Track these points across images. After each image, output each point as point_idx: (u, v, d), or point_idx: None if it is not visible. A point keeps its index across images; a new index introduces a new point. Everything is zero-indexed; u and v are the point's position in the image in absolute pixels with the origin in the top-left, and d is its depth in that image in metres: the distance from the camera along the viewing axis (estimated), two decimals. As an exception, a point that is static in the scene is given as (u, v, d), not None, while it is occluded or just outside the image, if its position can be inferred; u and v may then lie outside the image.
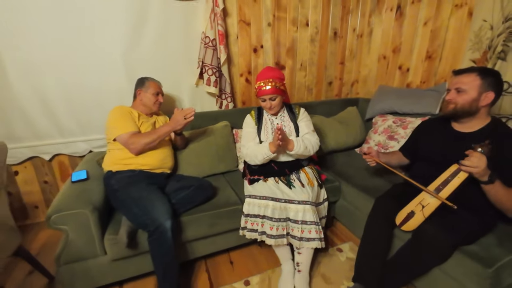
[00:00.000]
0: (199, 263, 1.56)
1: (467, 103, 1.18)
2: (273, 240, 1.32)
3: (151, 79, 1.65)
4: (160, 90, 1.65)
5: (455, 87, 1.21)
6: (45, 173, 1.95)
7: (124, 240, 1.15)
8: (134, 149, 1.41)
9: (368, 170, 1.83)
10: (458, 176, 1.13)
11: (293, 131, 1.54)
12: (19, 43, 1.62)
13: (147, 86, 1.59)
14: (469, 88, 1.16)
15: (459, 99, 1.19)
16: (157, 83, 1.66)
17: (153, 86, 1.60)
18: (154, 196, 1.26)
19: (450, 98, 1.23)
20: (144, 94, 1.59)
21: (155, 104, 1.61)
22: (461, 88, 1.18)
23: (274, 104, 1.47)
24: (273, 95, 1.44)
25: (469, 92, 1.17)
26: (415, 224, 1.20)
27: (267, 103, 1.48)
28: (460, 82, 1.19)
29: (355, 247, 1.67)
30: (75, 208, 1.16)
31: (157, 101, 1.62)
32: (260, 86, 1.45)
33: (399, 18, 2.25)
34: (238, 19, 2.14)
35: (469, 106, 1.18)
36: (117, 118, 1.47)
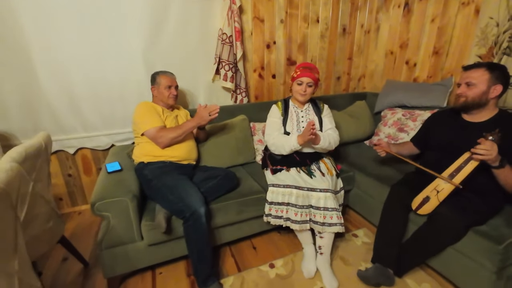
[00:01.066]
0: (224, 249, 1.65)
1: (477, 96, 1.28)
2: (297, 225, 1.42)
3: (162, 72, 1.64)
4: (173, 83, 1.64)
5: (465, 82, 1.30)
6: (69, 167, 2.01)
7: (163, 225, 1.24)
8: (161, 143, 1.49)
9: (379, 161, 1.93)
10: (470, 163, 1.24)
11: (317, 124, 1.62)
12: (48, 44, 1.68)
13: (158, 82, 1.62)
14: (479, 82, 1.26)
15: (470, 92, 1.29)
16: (169, 75, 1.64)
17: (164, 80, 1.61)
18: (187, 185, 1.35)
19: (461, 92, 1.32)
20: (157, 90, 1.63)
21: (169, 98, 1.63)
22: (471, 82, 1.27)
23: (308, 91, 1.55)
24: (311, 81, 1.53)
25: (479, 86, 1.26)
26: (431, 208, 1.30)
27: (303, 86, 1.54)
28: (470, 76, 1.28)
29: (369, 233, 1.77)
30: (116, 196, 1.24)
31: (171, 94, 1.62)
32: (303, 70, 1.54)
33: (406, 15, 2.33)
34: (253, 16, 2.20)
35: (479, 98, 1.28)
36: (144, 113, 1.54)
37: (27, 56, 1.66)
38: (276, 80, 2.49)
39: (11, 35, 1.60)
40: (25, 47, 1.64)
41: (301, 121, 1.64)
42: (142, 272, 1.49)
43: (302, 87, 1.55)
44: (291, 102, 1.69)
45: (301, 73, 1.54)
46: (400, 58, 2.45)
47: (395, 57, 2.49)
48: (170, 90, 1.63)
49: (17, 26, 1.59)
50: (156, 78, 1.63)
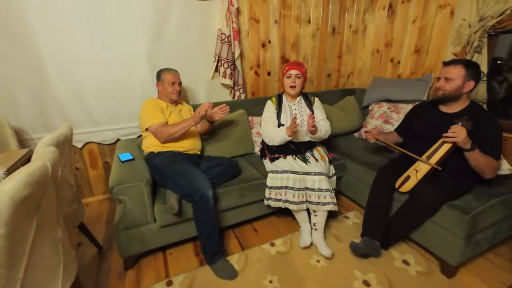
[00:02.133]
0: (228, 232, 1.80)
1: (453, 89, 1.46)
2: (295, 206, 1.58)
3: (167, 69, 1.77)
4: (176, 79, 1.76)
5: (444, 76, 1.48)
6: (76, 160, 2.11)
7: (176, 207, 1.37)
8: (161, 138, 1.62)
9: (368, 150, 2.11)
10: (444, 145, 1.42)
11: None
12: (57, 42, 1.78)
13: (162, 78, 1.74)
14: (456, 77, 1.44)
15: (447, 86, 1.48)
16: (173, 72, 1.76)
17: (168, 77, 1.73)
18: (196, 171, 1.49)
19: (440, 85, 1.51)
20: (162, 86, 1.75)
21: (173, 94, 1.74)
22: (449, 77, 1.46)
23: (297, 83, 1.71)
24: (299, 73, 1.71)
25: (456, 81, 1.45)
26: (410, 185, 1.48)
27: (292, 79, 1.71)
28: (449, 72, 1.46)
29: (359, 214, 1.96)
30: (132, 182, 1.37)
31: (174, 90, 1.74)
32: (290, 65, 1.72)
33: (390, 16, 2.53)
34: (249, 17, 2.35)
35: (455, 92, 1.46)
36: (148, 110, 1.66)
37: (37, 54, 1.75)
38: (271, 77, 2.64)
39: (21, 33, 1.69)
40: (35, 45, 1.73)
41: (295, 114, 1.80)
42: (154, 253, 1.61)
43: (291, 79, 1.71)
44: (284, 96, 1.85)
45: (289, 67, 1.72)
46: (385, 56, 2.64)
47: (381, 55, 2.69)
48: (174, 86, 1.75)
49: (27, 25, 1.68)
50: (161, 74, 1.76)
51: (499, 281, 1.39)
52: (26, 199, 0.69)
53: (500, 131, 1.41)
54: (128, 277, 1.45)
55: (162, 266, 1.53)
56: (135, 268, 1.52)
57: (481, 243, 1.41)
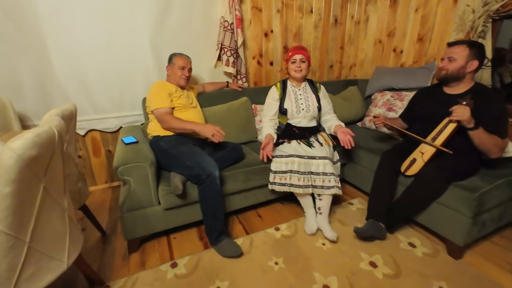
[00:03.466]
0: (232, 218, 1.79)
1: (456, 69, 1.46)
2: (301, 189, 1.57)
3: (179, 54, 1.76)
4: (187, 64, 1.74)
5: (447, 56, 1.48)
6: (79, 148, 2.10)
7: (180, 187, 1.37)
8: (162, 125, 1.61)
9: (371, 137, 2.11)
10: (449, 125, 1.42)
11: (314, 102, 1.79)
12: (62, 28, 1.78)
13: (173, 62, 1.73)
14: (459, 57, 1.44)
15: (450, 66, 1.47)
16: (185, 57, 1.75)
17: (179, 61, 1.71)
18: (201, 152, 1.48)
19: (443, 65, 1.50)
20: (172, 69, 1.74)
21: (181, 79, 1.72)
22: (452, 57, 1.45)
23: (303, 66, 1.71)
24: (303, 57, 1.70)
25: (458, 60, 1.44)
26: (417, 168, 1.48)
27: (297, 63, 1.70)
28: (452, 52, 1.46)
29: (363, 201, 1.95)
30: (137, 162, 1.36)
31: (183, 75, 1.72)
32: (293, 49, 1.70)
33: (393, 5, 2.53)
34: (251, 6, 2.35)
35: (457, 72, 1.46)
36: (155, 92, 1.65)
37: (42, 40, 1.75)
38: (273, 67, 2.64)
39: (27, 19, 1.69)
40: (40, 31, 1.73)
41: (299, 99, 1.80)
42: (158, 238, 1.61)
43: (296, 64, 1.71)
44: (289, 82, 1.84)
45: (293, 52, 1.71)
46: (388, 46, 2.64)
47: (383, 45, 2.69)
48: (183, 71, 1.73)
49: (32, 10, 1.69)
50: (172, 58, 1.75)
51: (506, 261, 1.38)
52: (34, 159, 0.68)
53: (506, 110, 1.40)
54: (132, 259, 1.45)
55: (167, 249, 1.52)
56: (139, 251, 1.51)
57: (487, 224, 1.40)
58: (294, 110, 1.75)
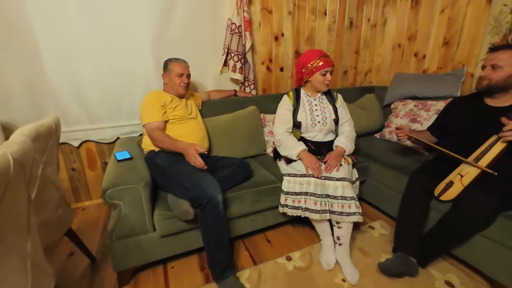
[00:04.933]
0: (238, 243, 1.59)
1: (502, 79, 1.24)
2: (318, 215, 1.36)
3: (175, 59, 1.59)
4: (185, 71, 1.58)
5: (490, 64, 1.26)
6: (73, 160, 1.94)
7: (191, 212, 1.20)
8: (152, 141, 1.45)
9: (392, 151, 1.89)
10: (496, 145, 1.20)
11: (332, 113, 1.59)
12: (55, 31, 1.63)
13: (170, 69, 1.56)
14: (505, 64, 1.22)
15: (494, 75, 1.25)
16: (181, 63, 1.59)
17: (176, 68, 1.55)
18: (202, 172, 1.29)
19: (485, 74, 1.29)
20: (168, 77, 1.58)
21: (180, 86, 1.56)
22: (497, 64, 1.24)
23: (331, 79, 1.51)
24: (333, 69, 1.49)
25: (505, 68, 1.22)
26: (455, 193, 1.25)
27: (328, 76, 1.48)
28: (496, 58, 1.24)
29: (386, 224, 1.72)
30: (129, 183, 1.18)
31: (182, 82, 1.56)
32: (325, 59, 1.46)
33: (414, 7, 2.32)
34: (261, 7, 2.17)
35: (503, 82, 1.24)
36: (145, 105, 1.50)
37: (33, 44, 1.60)
38: (284, 73, 2.45)
39: (17, 21, 1.54)
40: (31, 33, 1.58)
41: (315, 110, 1.59)
42: (153, 267, 1.41)
43: (327, 77, 1.49)
44: (303, 91, 1.64)
45: (325, 62, 1.46)
46: (408, 51, 2.43)
47: (403, 50, 2.47)
48: (181, 78, 1.56)
49: (22, 11, 1.54)
50: (168, 64, 1.58)
51: None
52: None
53: None
54: (122, 294, 1.26)
55: (162, 282, 1.32)
56: (131, 284, 1.31)
57: (544, 263, 1.16)
58: (309, 123, 1.55)
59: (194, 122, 1.61)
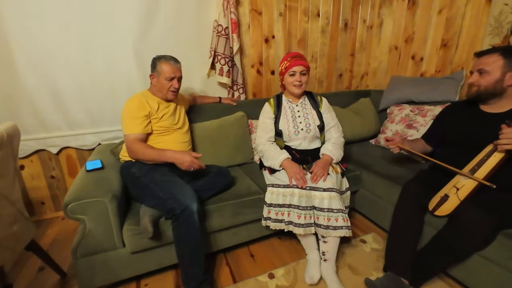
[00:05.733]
0: (219, 257, 1.49)
1: (490, 84, 1.16)
2: (302, 229, 1.26)
3: (164, 59, 1.40)
4: (176, 72, 1.39)
5: (477, 69, 1.18)
6: (52, 168, 1.87)
7: (149, 230, 1.08)
8: (131, 154, 1.31)
9: (387, 159, 1.78)
10: (494, 155, 1.10)
11: (316, 119, 1.49)
12: (30, 32, 1.56)
13: (158, 70, 1.38)
14: (492, 69, 1.14)
15: (482, 81, 1.17)
16: (172, 63, 1.40)
17: (165, 69, 1.37)
18: (177, 180, 1.20)
19: (473, 81, 1.20)
20: (157, 79, 1.40)
21: (169, 92, 1.40)
22: (483, 69, 1.16)
23: (303, 80, 1.41)
24: (304, 69, 1.40)
25: (492, 73, 1.14)
26: (450, 207, 1.15)
27: (297, 77, 1.40)
28: (482, 63, 1.16)
29: (379, 238, 1.61)
30: (93, 197, 1.09)
31: (172, 87, 1.39)
32: (292, 59, 1.39)
33: (411, 7, 2.22)
34: (250, 8, 2.09)
35: (493, 87, 1.16)
36: (128, 114, 1.33)
37: (4, 45, 1.53)
38: (275, 77, 2.36)
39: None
40: (4, 35, 1.51)
41: (297, 116, 1.49)
42: (125, 284, 1.32)
43: (296, 78, 1.41)
44: (284, 97, 1.55)
45: (291, 62, 1.40)
46: (405, 53, 2.33)
47: (400, 52, 2.38)
48: (172, 82, 1.39)
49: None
50: (156, 64, 1.39)
51: None
52: None
53: None
54: (88, 316, 1.16)
55: (134, 301, 1.23)
56: (100, 303, 1.22)
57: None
58: (291, 131, 1.46)
59: (179, 133, 1.48)
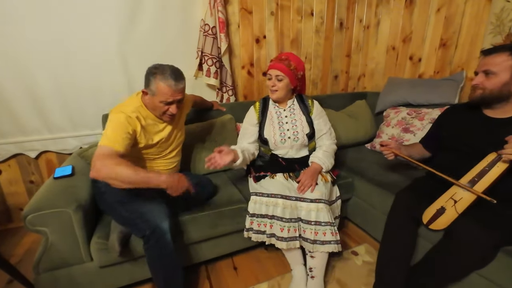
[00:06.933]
0: (199, 270, 1.40)
1: (497, 87, 1.05)
2: (284, 243, 1.16)
3: (162, 76, 1.06)
4: (176, 95, 1.10)
5: (483, 69, 1.07)
6: (31, 172, 1.79)
7: (116, 249, 0.99)
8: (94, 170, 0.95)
9: (382, 165, 1.68)
10: (497, 165, 0.99)
11: (305, 126, 1.38)
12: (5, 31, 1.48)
13: (153, 90, 1.08)
14: (500, 70, 1.03)
15: (488, 83, 1.06)
16: (172, 85, 1.07)
17: (163, 92, 1.07)
18: (146, 196, 1.10)
19: (477, 83, 1.09)
20: (151, 99, 1.11)
21: (165, 116, 1.16)
22: (490, 70, 1.05)
23: (278, 86, 1.29)
24: (281, 74, 1.26)
25: (500, 75, 1.03)
26: (446, 221, 1.04)
27: (272, 81, 1.30)
28: (489, 63, 1.06)
29: (372, 249, 1.51)
30: (56, 207, 1.01)
31: (168, 112, 1.13)
32: (273, 61, 1.30)
33: (409, 6, 2.13)
34: (240, 7, 2.01)
35: (499, 91, 1.05)
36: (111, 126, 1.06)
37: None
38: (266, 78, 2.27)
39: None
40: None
41: (285, 123, 1.38)
42: (97, 299, 1.23)
43: (270, 83, 1.31)
44: (271, 101, 1.44)
45: (271, 64, 1.31)
46: (403, 54, 2.23)
47: (397, 52, 2.28)
48: (170, 108, 1.12)
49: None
50: (151, 82, 1.08)
51: None
52: None
53: None
54: (52, 336, 1.08)
55: (103, 319, 1.14)
56: (67, 321, 1.14)
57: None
58: (277, 139, 1.35)
59: (164, 161, 1.28)
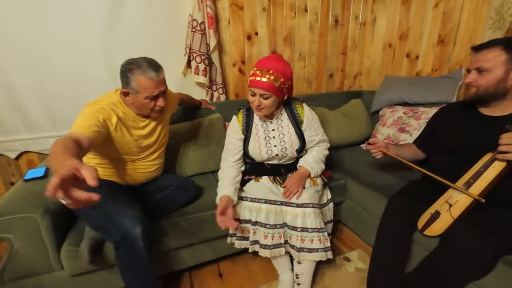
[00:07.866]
0: (182, 277, 1.33)
1: (491, 85, 0.98)
2: (268, 251, 1.09)
3: (140, 69, 0.99)
4: (159, 86, 1.04)
5: (475, 67, 1.00)
6: (11, 174, 1.73)
7: (85, 258, 0.92)
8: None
9: (377, 167, 1.61)
10: (493, 166, 0.92)
11: (295, 139, 1.23)
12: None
13: (134, 87, 1.00)
14: (493, 66, 0.96)
15: (482, 80, 0.99)
16: (154, 76, 1.01)
17: (145, 86, 1.00)
18: (119, 199, 1.03)
19: (470, 81, 1.02)
20: (134, 98, 1.04)
21: (153, 112, 1.09)
22: (482, 67, 0.98)
23: (265, 104, 1.08)
24: (266, 93, 1.05)
25: (493, 71, 0.97)
26: (442, 227, 0.97)
27: (256, 99, 1.08)
28: (481, 60, 0.99)
29: (365, 255, 1.44)
30: (21, 212, 0.94)
31: (157, 106, 1.07)
32: (255, 74, 1.05)
33: (406, 2, 2.06)
34: (230, 3, 1.94)
35: (494, 88, 0.98)
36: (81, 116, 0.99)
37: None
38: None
39: None
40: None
41: (272, 137, 1.22)
42: (71, 309, 1.16)
43: (255, 101, 1.08)
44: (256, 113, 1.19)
45: (251, 80, 1.06)
46: (400, 51, 2.16)
47: (394, 50, 2.21)
48: (156, 102, 1.05)
49: None
50: (130, 80, 1.00)
51: None
52: None
53: None
54: None
55: (75, 331, 1.07)
56: (37, 332, 1.07)
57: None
58: (264, 156, 1.23)
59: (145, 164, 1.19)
